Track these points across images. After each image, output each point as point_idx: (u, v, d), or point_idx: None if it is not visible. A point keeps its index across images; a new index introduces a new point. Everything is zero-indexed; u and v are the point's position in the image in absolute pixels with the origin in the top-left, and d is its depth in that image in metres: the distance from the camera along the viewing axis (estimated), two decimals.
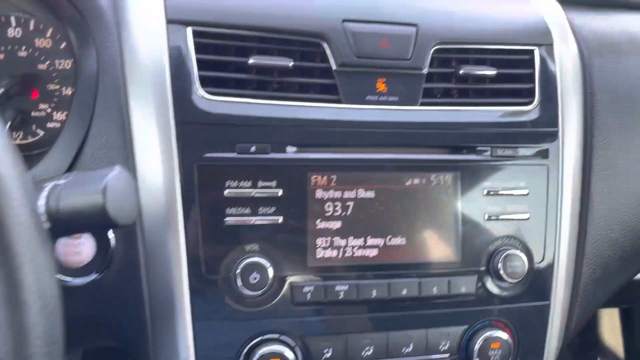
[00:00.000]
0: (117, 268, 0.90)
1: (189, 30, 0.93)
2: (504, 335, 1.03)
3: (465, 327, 1.02)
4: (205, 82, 0.93)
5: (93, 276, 0.89)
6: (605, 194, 1.10)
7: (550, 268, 1.05)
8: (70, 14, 0.94)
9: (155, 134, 0.91)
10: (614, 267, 1.12)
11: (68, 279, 0.88)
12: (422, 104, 1.01)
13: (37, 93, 1.05)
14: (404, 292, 0.98)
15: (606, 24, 1.21)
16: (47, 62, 1.03)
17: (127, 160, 0.90)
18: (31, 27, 1.02)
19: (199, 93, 0.92)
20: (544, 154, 1.05)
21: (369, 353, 0.98)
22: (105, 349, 1.15)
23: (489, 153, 1.02)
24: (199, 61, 0.93)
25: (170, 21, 0.93)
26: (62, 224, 0.69)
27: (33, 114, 1.05)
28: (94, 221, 0.70)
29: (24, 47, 1.02)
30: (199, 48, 0.93)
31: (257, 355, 0.92)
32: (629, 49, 1.18)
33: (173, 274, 0.91)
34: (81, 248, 0.88)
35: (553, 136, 1.06)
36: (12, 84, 1.02)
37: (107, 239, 0.90)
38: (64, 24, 0.96)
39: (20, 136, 1.05)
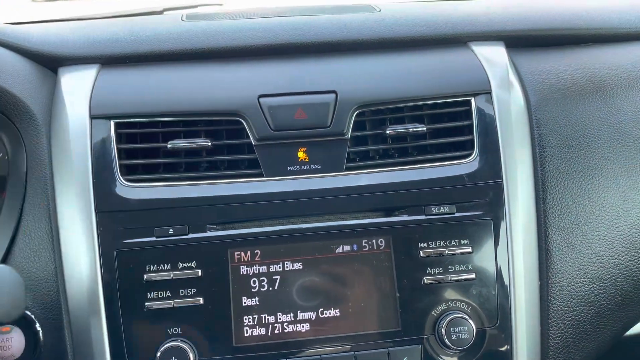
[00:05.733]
0: None
1: (112, 123, 0.98)
2: None
3: None
4: (127, 170, 0.97)
5: None
6: (565, 244, 1.00)
7: (507, 332, 0.96)
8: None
9: (78, 225, 0.94)
10: (590, 326, 1.00)
11: None
12: (348, 169, 0.99)
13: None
14: None
15: (562, 63, 1.14)
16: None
17: (53, 252, 0.94)
18: None
19: (118, 181, 0.95)
20: (486, 209, 0.99)
21: None
22: None
23: (422, 213, 0.98)
24: (121, 150, 0.97)
25: (93, 117, 0.98)
26: None
27: None
28: None
29: None
30: (120, 138, 0.97)
31: None
32: (585, 88, 1.09)
33: None
34: (11, 343, 0.91)
35: (496, 188, 1.00)
36: None
37: (37, 332, 0.92)
38: None
39: None
